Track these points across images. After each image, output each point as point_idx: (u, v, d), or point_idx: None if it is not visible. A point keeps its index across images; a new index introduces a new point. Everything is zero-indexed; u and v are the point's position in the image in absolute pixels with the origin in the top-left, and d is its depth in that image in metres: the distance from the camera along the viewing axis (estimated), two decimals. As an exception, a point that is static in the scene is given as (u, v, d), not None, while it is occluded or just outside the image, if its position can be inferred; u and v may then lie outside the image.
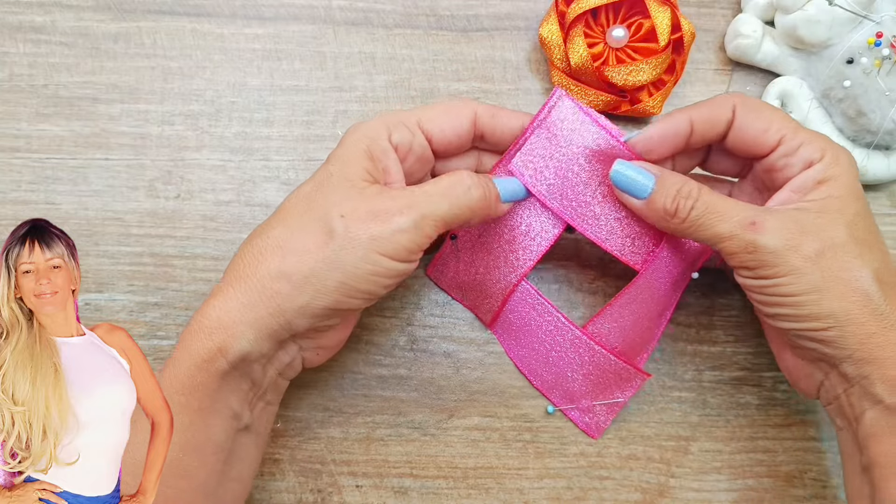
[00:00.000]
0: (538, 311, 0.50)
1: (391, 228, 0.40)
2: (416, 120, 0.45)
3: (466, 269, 0.51)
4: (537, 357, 0.51)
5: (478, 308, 0.52)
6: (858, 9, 0.51)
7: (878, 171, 0.54)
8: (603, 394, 0.51)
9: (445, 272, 0.52)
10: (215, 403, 0.41)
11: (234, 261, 0.43)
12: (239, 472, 0.44)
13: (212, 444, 0.42)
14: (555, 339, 0.50)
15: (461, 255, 0.50)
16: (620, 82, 0.52)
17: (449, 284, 0.52)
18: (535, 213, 0.48)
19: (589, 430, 0.52)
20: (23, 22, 0.54)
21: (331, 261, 0.40)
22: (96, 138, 0.54)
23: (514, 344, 0.52)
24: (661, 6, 0.52)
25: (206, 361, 0.41)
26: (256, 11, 0.56)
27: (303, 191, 0.43)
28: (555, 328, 0.50)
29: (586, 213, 0.47)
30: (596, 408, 0.51)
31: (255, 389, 0.44)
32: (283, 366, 0.45)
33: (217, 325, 0.41)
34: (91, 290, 0.52)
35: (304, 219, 0.42)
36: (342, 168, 0.42)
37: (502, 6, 0.56)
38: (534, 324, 0.51)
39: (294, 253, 0.40)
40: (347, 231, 0.40)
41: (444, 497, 0.52)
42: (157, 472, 0.45)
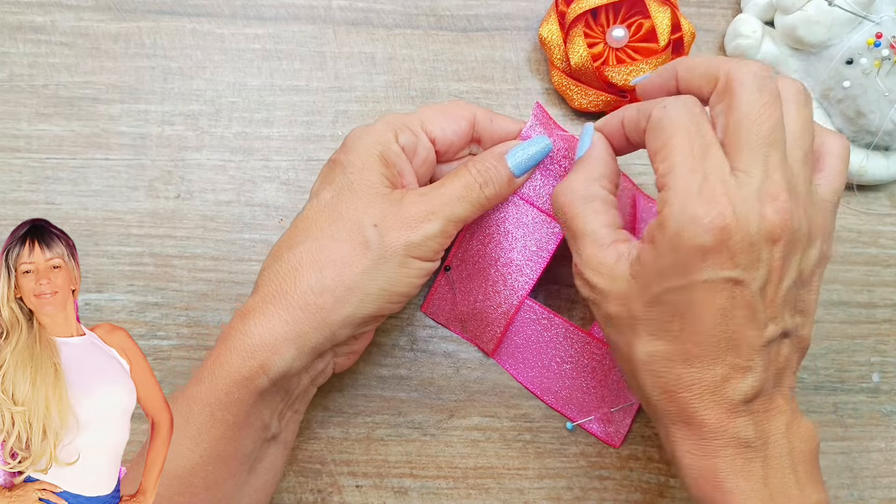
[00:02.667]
0: (544, 325, 0.50)
1: (422, 235, 0.41)
2: (419, 122, 0.45)
3: (464, 299, 0.50)
4: (549, 374, 0.51)
5: (479, 338, 0.52)
6: (858, 9, 0.51)
7: (878, 172, 0.54)
8: (618, 398, 0.51)
9: (442, 306, 0.51)
10: (249, 418, 0.42)
11: (266, 277, 0.43)
12: (264, 482, 0.44)
13: (240, 455, 0.42)
14: (565, 349, 0.50)
15: (457, 286, 0.49)
16: (620, 82, 0.52)
17: (447, 319, 0.52)
18: (529, 229, 0.47)
19: (610, 440, 0.52)
20: (23, 22, 0.54)
21: (371, 270, 0.40)
22: (96, 138, 0.54)
23: (521, 367, 0.52)
24: (661, 6, 0.52)
25: (247, 379, 0.41)
26: (256, 11, 0.56)
27: (322, 200, 0.43)
28: (564, 338, 0.50)
29: None
30: (614, 415, 0.51)
31: (287, 399, 0.44)
32: (317, 373, 0.45)
33: (260, 344, 0.41)
34: (91, 290, 0.52)
35: (334, 229, 0.42)
36: (361, 176, 0.43)
37: (502, 6, 0.56)
38: (541, 339, 0.50)
39: (332, 265, 0.41)
40: (383, 240, 0.41)
41: (444, 497, 0.52)
42: (157, 472, 0.45)
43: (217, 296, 0.53)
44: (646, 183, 0.54)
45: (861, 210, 0.55)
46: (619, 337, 0.41)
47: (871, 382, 0.55)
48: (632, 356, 0.40)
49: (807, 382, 0.54)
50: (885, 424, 0.55)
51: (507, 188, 0.45)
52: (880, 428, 0.54)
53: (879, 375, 0.55)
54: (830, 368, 0.54)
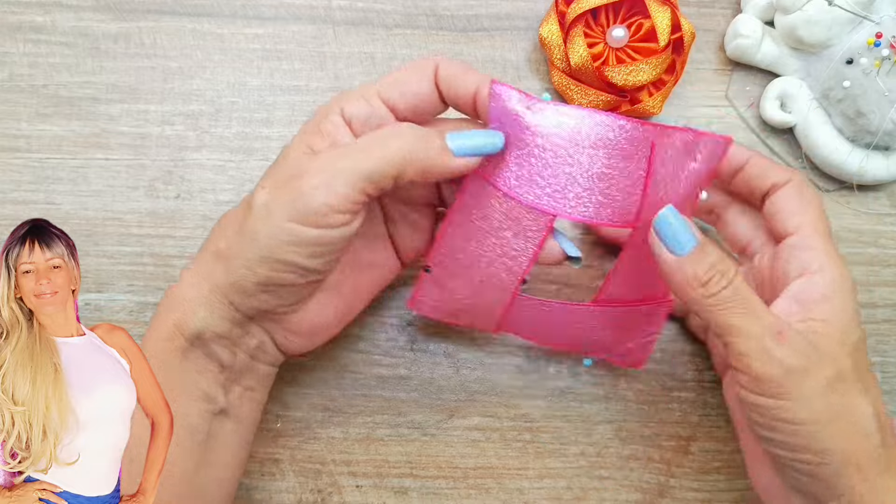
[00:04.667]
0: (543, 312, 0.48)
1: (302, 191, 0.36)
2: (375, 91, 0.41)
3: (451, 296, 0.47)
4: (557, 333, 0.49)
5: (475, 325, 0.50)
6: (858, 9, 0.51)
7: (878, 172, 0.54)
8: (633, 336, 0.49)
9: (427, 303, 0.48)
10: (183, 383, 0.41)
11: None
12: (219, 458, 0.43)
13: (186, 425, 0.41)
14: (570, 320, 0.48)
15: (443, 282, 0.47)
16: (620, 82, 0.52)
17: (436, 313, 0.49)
18: (511, 221, 0.44)
19: (632, 365, 0.50)
20: (23, 22, 0.54)
21: (248, 235, 0.38)
22: (96, 138, 0.54)
23: (527, 332, 0.50)
24: (661, 6, 0.52)
25: (167, 339, 0.41)
26: (256, 11, 0.56)
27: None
28: (569, 314, 0.48)
29: (566, 195, 0.42)
30: (631, 347, 0.49)
31: (227, 372, 0.43)
32: (252, 349, 0.44)
33: (173, 302, 0.42)
34: (91, 290, 0.52)
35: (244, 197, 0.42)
36: (287, 149, 0.42)
37: (502, 6, 0.56)
38: (543, 320, 0.48)
39: (226, 229, 0.40)
40: (265, 202, 0.38)
41: (445, 497, 0.52)
42: (157, 472, 0.45)
43: (217, 296, 0.53)
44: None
45: (861, 210, 0.55)
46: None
47: (872, 382, 0.55)
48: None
49: (807, 382, 0.54)
50: (886, 424, 0.54)
51: (437, 155, 0.39)
52: (880, 428, 0.54)
53: (880, 375, 0.55)
54: (830, 368, 0.55)
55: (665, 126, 0.42)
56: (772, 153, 0.56)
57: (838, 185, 0.55)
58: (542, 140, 0.41)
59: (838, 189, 0.55)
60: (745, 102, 0.56)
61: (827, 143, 0.53)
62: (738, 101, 0.56)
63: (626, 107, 0.54)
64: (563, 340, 0.50)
